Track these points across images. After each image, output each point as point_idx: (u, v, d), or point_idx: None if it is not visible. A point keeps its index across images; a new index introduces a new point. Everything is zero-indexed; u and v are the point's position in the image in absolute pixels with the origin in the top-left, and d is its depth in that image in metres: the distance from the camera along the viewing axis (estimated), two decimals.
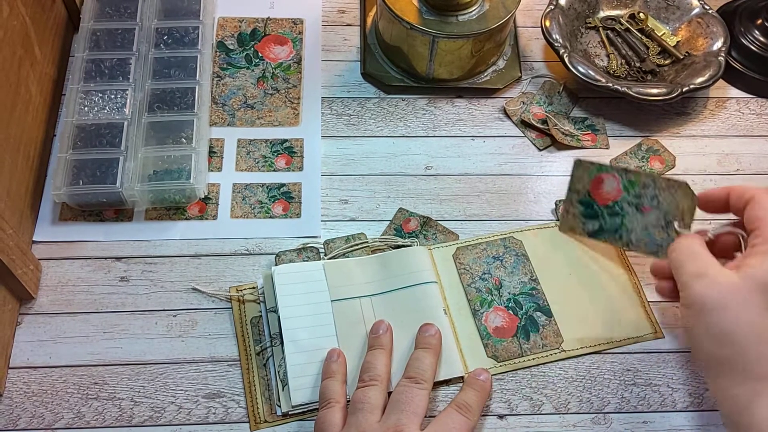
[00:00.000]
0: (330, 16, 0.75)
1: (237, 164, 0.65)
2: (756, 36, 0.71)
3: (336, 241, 0.61)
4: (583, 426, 0.54)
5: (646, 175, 0.54)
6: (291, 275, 0.57)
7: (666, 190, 0.53)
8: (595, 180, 0.57)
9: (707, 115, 0.70)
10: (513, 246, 0.61)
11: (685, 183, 0.52)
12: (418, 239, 0.61)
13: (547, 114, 0.68)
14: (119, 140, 0.61)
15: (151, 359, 0.55)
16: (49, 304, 0.57)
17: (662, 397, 0.55)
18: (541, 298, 0.58)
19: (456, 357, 0.55)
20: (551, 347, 0.56)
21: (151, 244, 0.61)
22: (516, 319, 0.57)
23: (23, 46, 0.61)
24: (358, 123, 0.68)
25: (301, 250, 0.60)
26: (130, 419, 0.53)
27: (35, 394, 0.54)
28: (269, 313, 0.56)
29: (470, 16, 0.66)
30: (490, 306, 0.58)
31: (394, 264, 0.58)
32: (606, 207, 0.57)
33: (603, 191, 0.57)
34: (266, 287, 0.58)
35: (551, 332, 0.57)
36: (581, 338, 0.57)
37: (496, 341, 0.56)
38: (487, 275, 0.59)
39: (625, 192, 0.55)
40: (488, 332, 0.57)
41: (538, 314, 0.58)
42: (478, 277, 0.59)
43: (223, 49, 0.72)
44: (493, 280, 0.59)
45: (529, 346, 0.56)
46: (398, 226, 0.62)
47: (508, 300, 0.58)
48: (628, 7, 0.75)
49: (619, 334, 0.57)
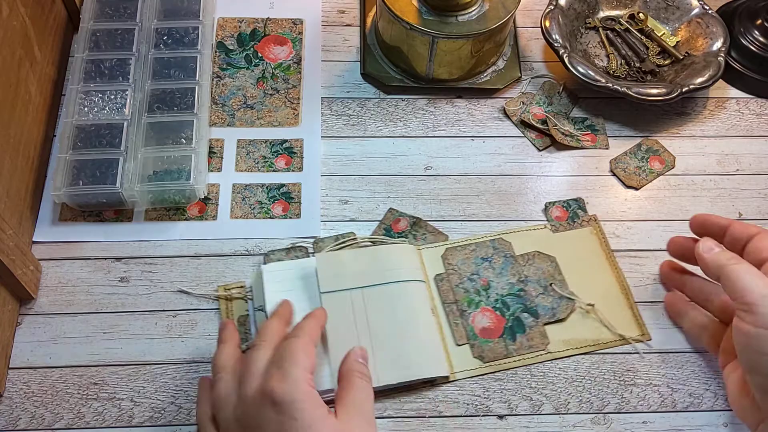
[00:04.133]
0: (330, 16, 0.75)
1: (237, 165, 0.65)
2: (756, 36, 0.71)
3: (326, 240, 0.61)
4: (583, 426, 0.54)
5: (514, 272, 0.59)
6: (280, 273, 0.57)
7: (525, 265, 0.59)
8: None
9: (707, 116, 0.70)
10: (502, 247, 0.61)
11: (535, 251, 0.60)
12: (407, 239, 0.61)
13: (546, 114, 0.68)
14: (119, 141, 0.61)
15: (151, 359, 0.55)
16: (49, 305, 0.57)
17: (662, 397, 0.55)
18: (528, 300, 0.58)
19: (442, 357, 0.55)
20: (537, 348, 0.56)
21: (150, 245, 0.61)
22: (503, 320, 0.57)
23: (23, 46, 0.61)
24: (357, 123, 0.68)
25: (290, 249, 0.60)
26: (130, 419, 0.53)
27: (35, 394, 0.54)
28: (257, 312, 0.56)
29: (470, 16, 0.66)
30: (478, 306, 0.58)
31: (386, 258, 0.58)
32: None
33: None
34: (255, 286, 0.58)
35: (537, 333, 0.57)
36: (567, 340, 0.57)
37: (482, 342, 0.56)
38: (476, 276, 0.59)
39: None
40: (475, 333, 0.57)
41: (525, 315, 0.57)
42: (467, 277, 0.59)
43: (223, 49, 0.72)
44: (481, 280, 0.59)
45: (515, 347, 0.56)
46: (388, 226, 0.62)
47: (496, 301, 0.58)
48: (628, 7, 0.75)
49: (606, 335, 0.57)
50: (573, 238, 0.62)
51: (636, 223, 0.63)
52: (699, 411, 0.55)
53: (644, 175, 0.66)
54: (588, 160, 0.67)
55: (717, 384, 0.56)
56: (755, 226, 0.51)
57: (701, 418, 0.54)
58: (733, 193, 0.65)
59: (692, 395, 0.55)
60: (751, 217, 0.64)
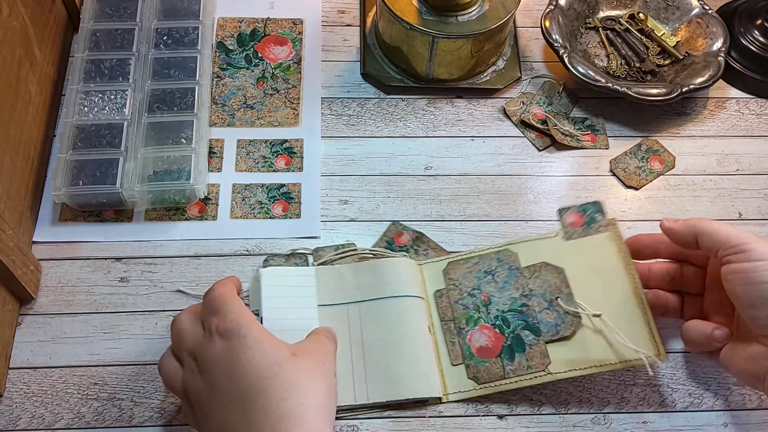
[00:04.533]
0: (330, 16, 0.75)
1: (237, 165, 0.65)
2: (756, 36, 0.71)
3: (326, 249, 0.60)
4: (583, 426, 0.54)
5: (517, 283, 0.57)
6: (279, 278, 0.56)
7: (530, 278, 0.56)
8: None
9: (707, 116, 0.70)
10: (507, 259, 0.58)
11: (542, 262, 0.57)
12: (408, 254, 0.60)
13: (546, 114, 0.68)
14: (119, 141, 0.61)
15: (151, 359, 0.55)
16: (49, 305, 0.57)
17: (662, 397, 0.55)
18: (531, 316, 0.55)
19: (435, 377, 0.54)
20: (536, 369, 0.53)
21: (150, 245, 0.61)
22: (502, 338, 0.55)
23: (23, 46, 0.61)
24: (357, 123, 0.68)
25: (290, 255, 0.60)
26: (130, 419, 0.53)
27: (35, 394, 0.54)
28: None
29: (470, 16, 0.66)
30: (476, 324, 0.56)
31: (385, 272, 0.57)
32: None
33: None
34: (252, 289, 0.57)
35: (538, 353, 0.53)
36: (571, 360, 0.53)
37: (478, 362, 0.54)
38: (477, 291, 0.57)
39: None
40: (471, 352, 0.55)
41: (525, 333, 0.54)
42: (467, 293, 0.57)
43: (223, 49, 0.72)
44: (482, 296, 0.57)
45: (512, 368, 0.53)
46: (390, 239, 0.61)
47: (496, 317, 0.56)
48: (628, 7, 0.75)
49: (611, 357, 0.52)
50: (587, 246, 0.56)
51: (636, 223, 0.63)
52: (699, 411, 0.55)
53: (644, 175, 0.66)
54: (588, 160, 0.67)
55: (717, 384, 0.56)
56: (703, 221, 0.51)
57: (701, 418, 0.54)
58: (733, 193, 0.65)
59: (692, 395, 0.55)
60: (751, 217, 0.64)
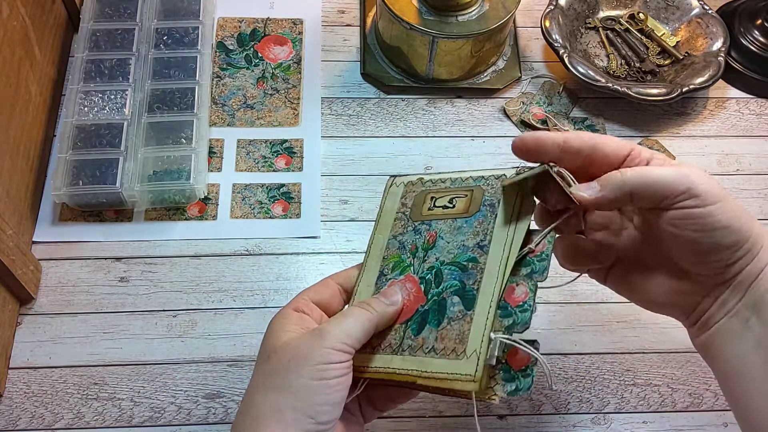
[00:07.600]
0: (330, 16, 0.75)
1: (237, 164, 0.65)
2: (756, 36, 0.71)
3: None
4: (583, 426, 0.54)
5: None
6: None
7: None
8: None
9: (707, 116, 0.70)
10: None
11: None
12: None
13: (546, 114, 0.68)
14: (119, 140, 0.61)
15: (151, 359, 0.55)
16: (49, 305, 0.57)
17: (662, 397, 0.55)
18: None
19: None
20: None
21: (150, 245, 0.61)
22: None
23: (23, 46, 0.61)
24: (357, 123, 0.68)
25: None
26: (130, 419, 0.53)
27: (35, 394, 0.54)
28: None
29: (470, 16, 0.66)
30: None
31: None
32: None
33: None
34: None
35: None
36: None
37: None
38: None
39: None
40: None
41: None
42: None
43: (223, 49, 0.72)
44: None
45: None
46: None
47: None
48: (628, 7, 0.75)
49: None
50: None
51: None
52: (699, 411, 0.55)
53: None
54: None
55: (717, 384, 0.56)
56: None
57: (701, 418, 0.54)
58: (733, 193, 0.65)
59: (692, 395, 0.55)
60: None
